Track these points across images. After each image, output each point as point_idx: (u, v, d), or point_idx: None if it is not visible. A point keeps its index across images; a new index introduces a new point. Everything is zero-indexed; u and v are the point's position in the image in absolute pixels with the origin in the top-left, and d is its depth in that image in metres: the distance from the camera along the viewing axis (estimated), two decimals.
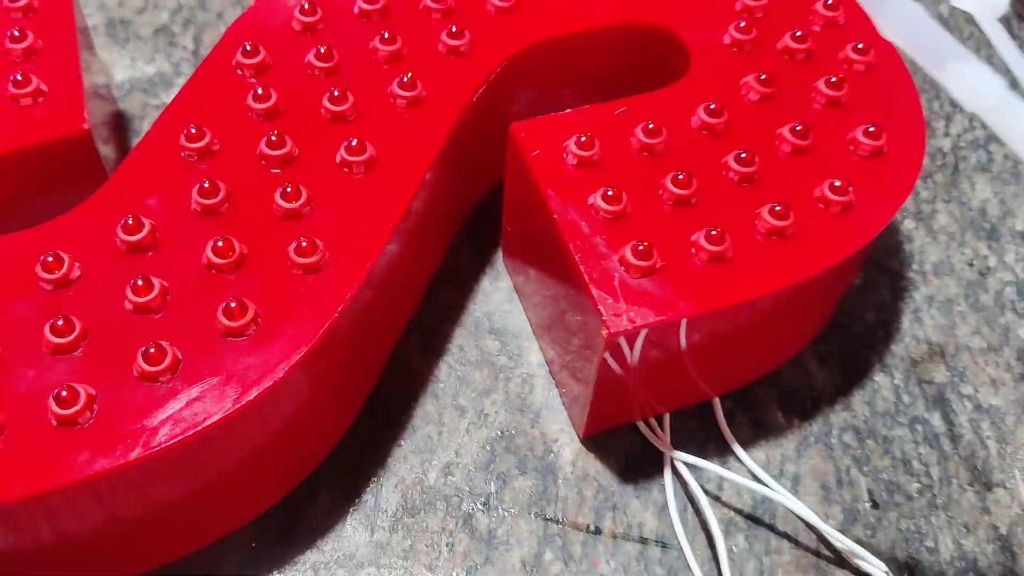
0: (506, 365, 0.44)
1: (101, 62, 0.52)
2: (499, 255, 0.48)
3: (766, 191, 0.39)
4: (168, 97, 0.53)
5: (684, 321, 0.36)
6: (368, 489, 0.40)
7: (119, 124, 0.51)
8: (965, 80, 0.24)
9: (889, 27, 0.25)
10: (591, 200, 0.38)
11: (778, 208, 0.37)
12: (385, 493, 0.40)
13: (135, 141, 0.50)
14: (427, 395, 0.43)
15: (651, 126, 0.39)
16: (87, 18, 0.56)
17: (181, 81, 0.54)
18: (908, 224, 0.50)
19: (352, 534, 0.39)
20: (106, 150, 0.45)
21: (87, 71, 0.44)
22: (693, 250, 0.37)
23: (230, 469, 0.35)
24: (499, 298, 0.46)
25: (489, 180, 0.48)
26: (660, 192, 0.38)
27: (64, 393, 0.31)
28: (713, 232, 0.36)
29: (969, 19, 0.59)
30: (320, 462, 0.40)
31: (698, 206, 0.38)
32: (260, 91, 0.39)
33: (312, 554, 0.38)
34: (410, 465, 0.41)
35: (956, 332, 0.47)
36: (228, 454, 0.34)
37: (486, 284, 0.47)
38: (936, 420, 0.44)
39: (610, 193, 0.37)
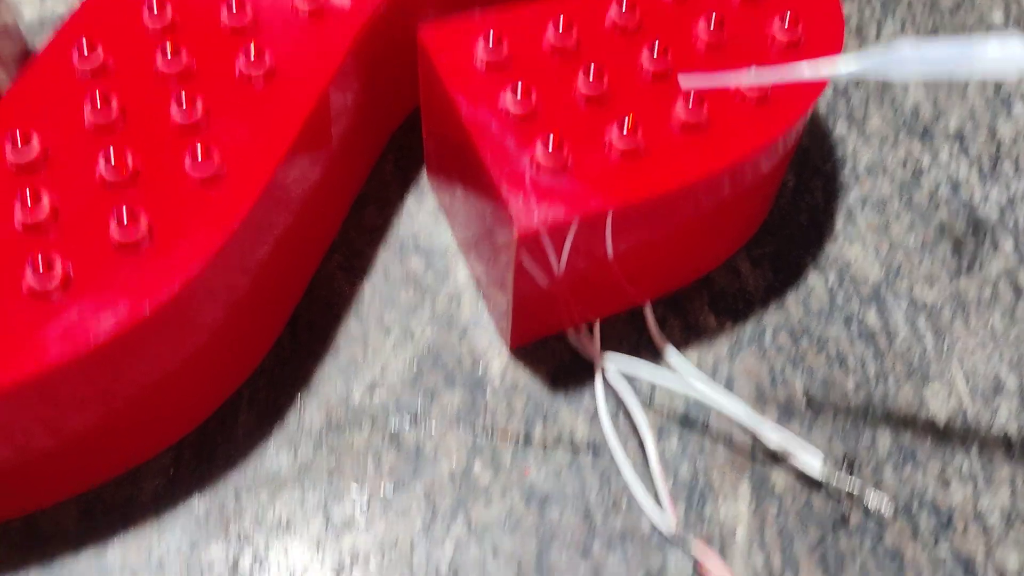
0: (432, 283, 0.43)
1: (7, 2, 0.50)
2: (424, 174, 0.46)
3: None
4: None
5: (598, 218, 0.35)
6: (291, 410, 0.39)
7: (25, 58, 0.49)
8: None
9: None
10: (501, 101, 0.37)
11: (692, 100, 0.36)
12: (308, 413, 0.39)
13: None
14: (351, 315, 0.42)
15: (563, 24, 0.38)
16: None
17: None
18: (841, 127, 0.50)
19: (275, 455, 0.38)
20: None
21: None
22: (606, 146, 0.36)
23: (140, 390, 0.34)
24: (424, 217, 0.45)
25: (414, 98, 0.47)
26: (572, 91, 0.37)
27: None
28: (626, 125, 0.35)
29: None
30: (240, 384, 0.39)
31: (611, 103, 0.37)
32: (155, 5, 0.38)
33: (234, 476, 0.37)
34: (334, 385, 0.40)
35: (890, 231, 0.46)
36: (134, 374, 0.33)
37: (411, 203, 0.46)
38: (871, 318, 0.43)
39: (519, 92, 0.36)
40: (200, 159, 0.34)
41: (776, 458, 0.39)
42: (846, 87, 0.51)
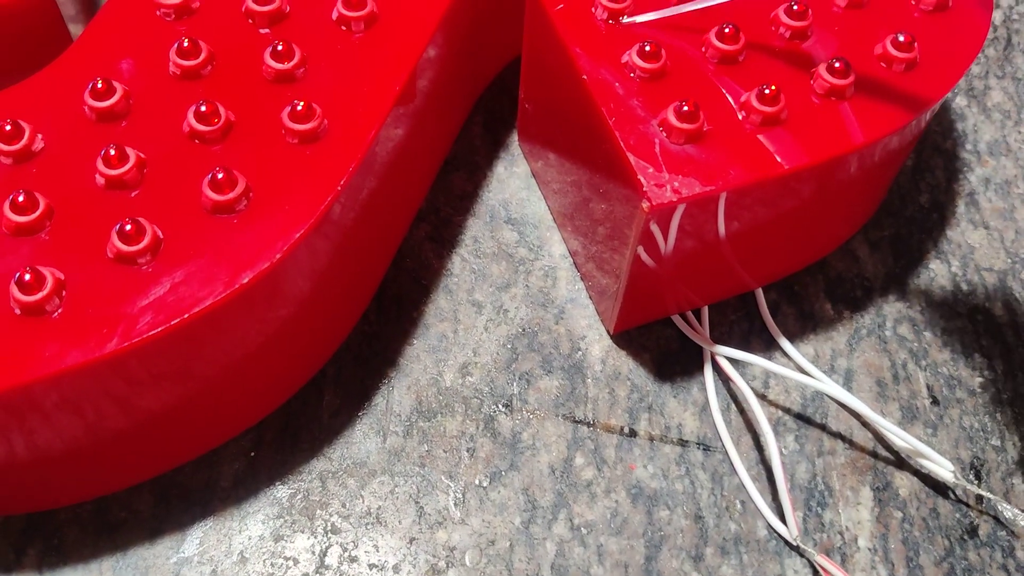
0: (526, 257, 0.40)
1: None
2: (515, 139, 0.43)
3: (821, 48, 0.34)
4: None
5: (732, 193, 0.31)
6: (378, 391, 0.36)
7: (90, 2, 0.46)
8: None
9: None
10: (625, 58, 0.33)
11: (838, 65, 0.33)
12: (397, 395, 0.36)
13: None
14: (440, 290, 0.39)
15: None
16: None
17: None
18: (960, 101, 0.46)
19: (362, 440, 0.35)
20: (77, 30, 0.41)
21: None
22: (743, 112, 0.32)
23: (224, 367, 0.31)
24: (515, 185, 0.42)
25: (503, 57, 0.43)
26: (703, 49, 0.34)
27: (28, 277, 0.27)
28: (767, 91, 0.32)
29: None
30: (325, 362, 0.36)
31: (746, 64, 0.34)
32: None
33: (319, 462, 0.34)
34: (424, 365, 0.37)
35: (1016, 215, 0.42)
36: (220, 349, 0.30)
37: (501, 170, 0.42)
38: (998, 310, 0.40)
39: (647, 49, 0.33)
40: (299, 113, 0.30)
41: (900, 460, 0.36)
42: None
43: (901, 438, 0.35)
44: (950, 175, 0.43)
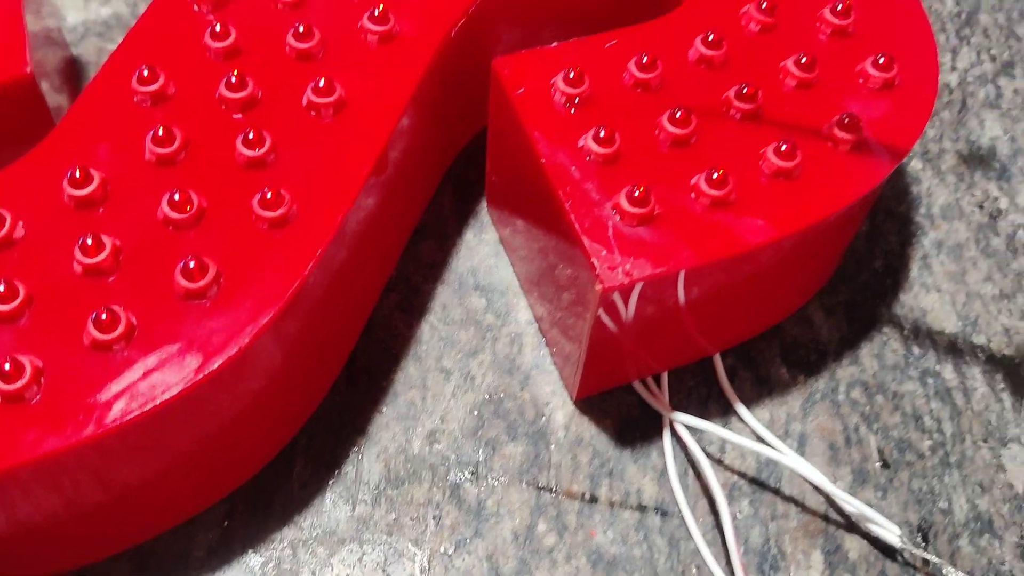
0: (493, 324, 0.41)
1: (52, 3, 0.48)
2: (484, 206, 0.44)
3: (770, 129, 0.36)
4: None
5: (684, 272, 0.33)
6: (348, 460, 0.37)
7: (72, 72, 0.47)
8: None
9: None
10: (581, 142, 0.35)
11: (784, 147, 0.34)
12: (367, 463, 0.37)
13: None
14: (409, 357, 0.40)
15: (645, 60, 0.36)
16: None
17: None
18: (915, 165, 0.48)
19: (332, 508, 0.36)
20: (58, 99, 0.42)
21: (34, 13, 0.40)
22: (693, 194, 0.34)
23: (197, 443, 0.32)
24: (484, 252, 0.43)
25: (473, 126, 0.45)
26: (656, 132, 0.35)
27: (7, 366, 0.28)
28: (715, 175, 0.33)
29: None
30: (296, 432, 0.37)
31: (698, 146, 0.35)
32: (218, 28, 0.36)
33: (290, 531, 0.36)
34: (392, 433, 0.38)
35: (967, 279, 0.44)
36: (193, 427, 0.32)
37: (470, 237, 0.44)
38: (948, 373, 0.41)
39: (602, 134, 0.34)
40: (269, 201, 0.32)
41: (851, 523, 0.37)
42: None
43: (850, 504, 0.37)
44: (904, 239, 0.45)
